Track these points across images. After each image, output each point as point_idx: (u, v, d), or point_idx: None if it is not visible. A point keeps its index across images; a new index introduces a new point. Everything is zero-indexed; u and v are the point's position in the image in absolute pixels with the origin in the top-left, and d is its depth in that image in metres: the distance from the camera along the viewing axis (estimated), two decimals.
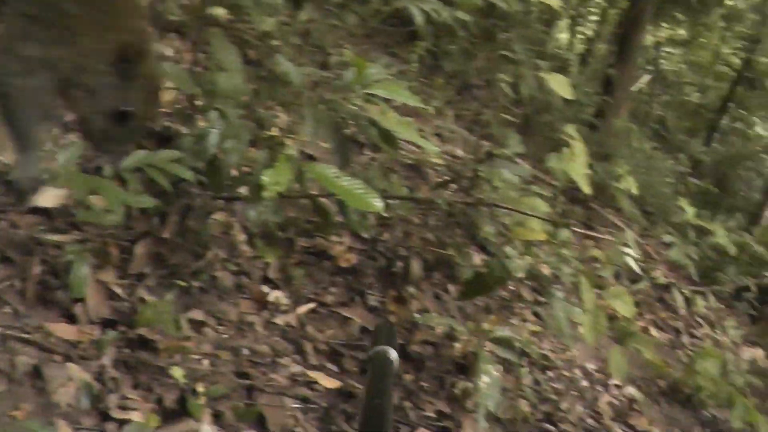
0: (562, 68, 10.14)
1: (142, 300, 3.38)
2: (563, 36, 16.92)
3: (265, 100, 4.10)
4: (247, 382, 3.43)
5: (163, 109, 4.37)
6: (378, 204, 3.23)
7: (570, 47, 14.95)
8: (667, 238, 8.46)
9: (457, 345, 4.53)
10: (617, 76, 11.13)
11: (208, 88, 3.44)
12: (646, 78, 17.88)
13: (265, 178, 3.24)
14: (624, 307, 4.27)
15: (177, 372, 3.20)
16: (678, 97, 20.20)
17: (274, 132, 4.03)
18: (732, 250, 8.26)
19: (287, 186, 3.37)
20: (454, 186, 5.38)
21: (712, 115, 18.24)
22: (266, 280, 4.12)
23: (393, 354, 1.60)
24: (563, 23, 16.94)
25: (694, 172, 14.52)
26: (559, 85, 4.20)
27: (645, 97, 18.01)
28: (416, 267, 4.76)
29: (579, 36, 18.19)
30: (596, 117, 11.97)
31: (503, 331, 4.21)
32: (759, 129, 19.81)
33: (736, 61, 18.46)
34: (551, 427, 4.62)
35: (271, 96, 4.14)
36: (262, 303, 3.98)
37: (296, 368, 3.71)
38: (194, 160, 3.41)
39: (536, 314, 5.62)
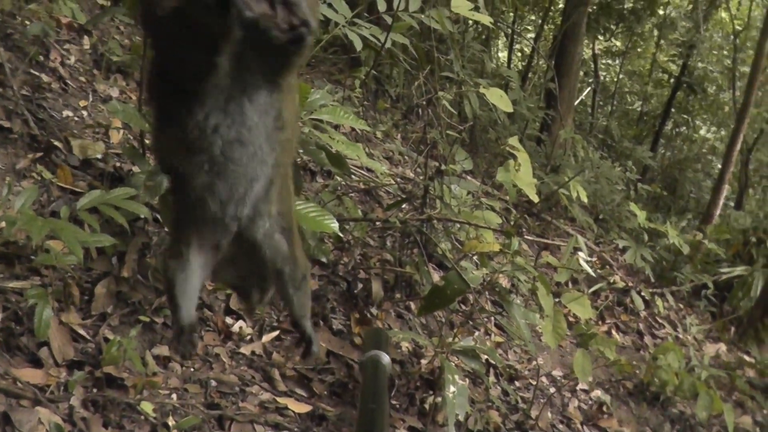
0: (503, 86, 10.29)
1: (107, 339, 3.37)
2: (502, 55, 17.16)
3: None
4: (217, 412, 3.44)
5: (114, 150, 4.41)
6: (334, 226, 3.27)
7: (509, 65, 15.15)
8: (622, 243, 8.58)
9: (424, 361, 4.58)
10: (558, 89, 11.31)
11: None
12: (588, 90, 18.17)
13: None
14: (582, 310, 4.33)
15: (147, 407, 3.21)
16: (621, 106, 20.54)
17: None
18: (686, 249, 8.41)
19: None
20: (407, 206, 5.44)
21: (656, 122, 18.54)
22: (229, 311, 4.14)
23: (385, 359, 1.63)
24: (501, 42, 17.17)
25: (643, 178, 14.75)
26: (498, 100, 4.27)
27: (588, 109, 18.28)
28: (377, 288, 4.80)
29: (518, 53, 18.45)
30: (542, 131, 12.16)
31: (467, 342, 4.25)
32: (703, 132, 20.18)
33: (674, 67, 18.81)
34: None
35: None
36: (226, 334, 4.00)
37: (265, 395, 3.73)
38: (148, 196, 3.42)
39: (499, 326, 5.69)
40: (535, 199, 4.26)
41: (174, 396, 3.43)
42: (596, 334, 4.76)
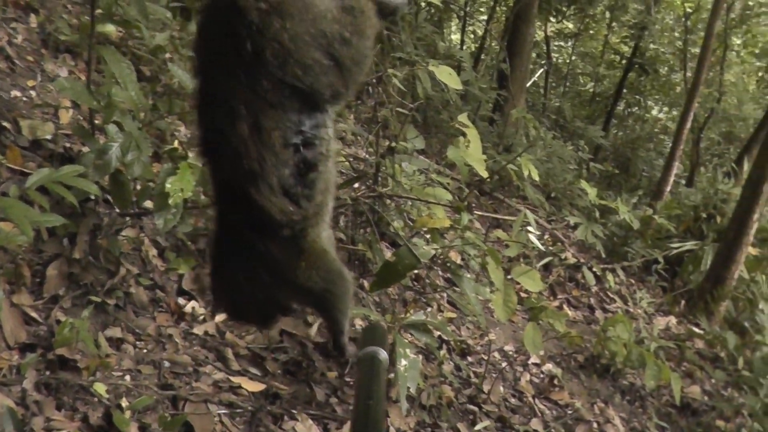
0: (455, 67, 10.32)
1: (59, 321, 3.36)
2: (455, 37, 17.20)
3: (163, 113, 4.10)
4: (171, 392, 3.45)
5: (63, 131, 4.37)
6: None
7: (462, 46, 15.18)
8: (573, 220, 8.68)
9: None
10: (510, 70, 11.38)
11: (104, 101, 3.43)
12: (541, 71, 18.28)
13: (169, 185, 3.27)
14: (532, 283, 4.38)
15: (100, 389, 3.21)
16: (573, 87, 20.71)
17: (176, 145, 4.03)
18: (636, 225, 8.52)
19: (192, 193, 3.40)
20: (359, 185, 5.45)
21: (608, 102, 18.72)
22: (181, 292, 4.14)
23: (383, 354, 1.61)
24: (454, 24, 17.20)
25: (595, 157, 14.90)
26: (448, 77, 4.29)
27: (541, 90, 18.41)
28: None
29: (470, 35, 18.50)
30: (494, 112, 12.23)
31: (417, 316, 4.29)
32: (655, 112, 20.43)
33: (626, 49, 18.99)
34: (475, 409, 4.74)
35: (169, 109, 4.15)
36: (179, 315, 4.00)
37: (219, 375, 3.74)
38: (98, 175, 3.40)
39: (451, 303, 5.74)
40: (485, 174, 4.30)
41: (127, 377, 3.44)
42: (546, 307, 4.82)
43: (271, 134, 1.76)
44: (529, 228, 5.13)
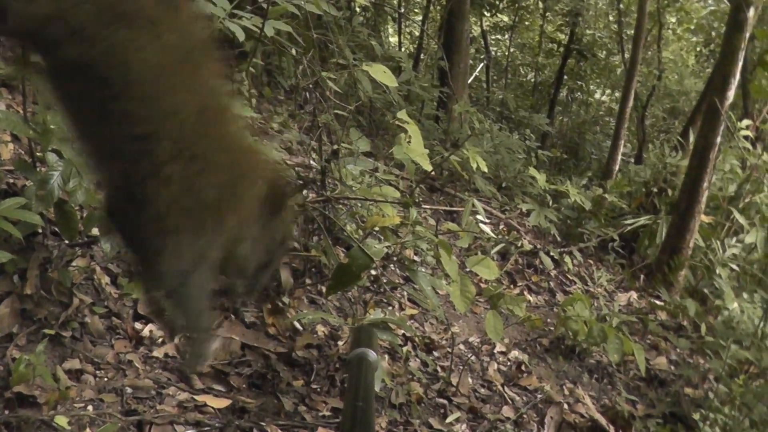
0: (395, 68, 10.37)
1: (15, 359, 3.32)
2: (394, 39, 17.26)
3: None
4: (136, 418, 3.41)
5: (5, 167, 4.32)
6: None
7: (400, 47, 15.26)
8: (525, 207, 8.75)
9: (341, 343, 4.61)
10: (450, 67, 11.45)
11: (41, 129, 3.39)
12: (481, 66, 18.41)
13: None
14: (487, 271, 4.40)
15: (61, 421, 3.17)
16: (515, 79, 20.89)
17: None
18: (588, 205, 8.60)
19: None
20: (309, 192, 5.44)
21: (550, 90, 18.90)
22: (138, 317, 4.09)
23: (372, 356, 1.60)
24: (391, 27, 17.27)
25: (543, 144, 15.04)
26: (382, 76, 4.31)
27: (484, 84, 18.54)
28: (286, 276, 4.80)
29: (407, 36, 18.59)
30: (438, 109, 12.30)
31: (377, 315, 4.29)
32: (598, 95, 20.68)
33: (562, 36, 19.20)
34: (446, 402, 4.75)
35: None
36: (137, 339, 3.96)
37: (183, 395, 3.71)
38: (41, 206, 3.36)
39: (412, 300, 5.74)
40: (428, 167, 4.31)
41: (90, 407, 3.40)
42: (504, 294, 4.84)
43: None
44: (479, 216, 5.16)
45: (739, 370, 5.37)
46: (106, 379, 3.65)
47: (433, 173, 8.26)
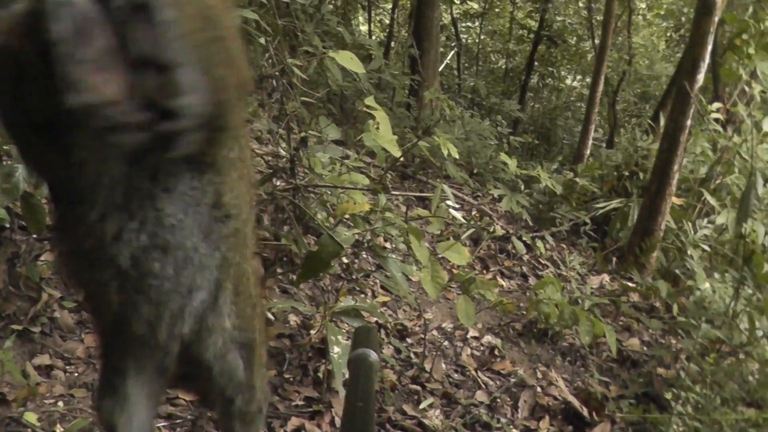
0: (365, 57, 10.34)
1: None
2: (364, 28, 17.22)
3: None
4: None
5: None
6: None
7: (370, 36, 15.23)
8: (497, 193, 8.76)
9: (313, 332, 4.60)
10: (420, 54, 11.44)
11: None
12: (452, 53, 18.42)
13: None
14: (458, 257, 4.40)
15: (31, 418, 3.16)
16: (486, 66, 20.90)
17: None
18: (559, 189, 8.63)
19: None
20: (279, 181, 5.42)
21: (522, 77, 18.93)
22: None
23: (373, 356, 1.56)
24: (360, 15, 17.23)
25: (515, 131, 15.09)
26: (349, 62, 4.28)
27: (455, 72, 18.54)
28: (257, 266, 4.78)
29: (378, 24, 18.57)
30: (410, 97, 12.31)
31: (348, 302, 4.29)
32: (569, 81, 20.75)
33: (532, 23, 19.23)
34: (419, 389, 4.75)
35: None
36: None
37: None
38: (7, 199, 3.31)
39: (385, 288, 5.75)
40: (397, 153, 4.30)
41: (60, 403, 3.38)
42: (475, 279, 4.84)
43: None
44: (449, 202, 5.16)
45: (710, 350, 5.41)
46: (76, 374, 3.64)
47: (404, 160, 8.26)
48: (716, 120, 8.74)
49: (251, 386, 1.89)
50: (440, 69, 15.05)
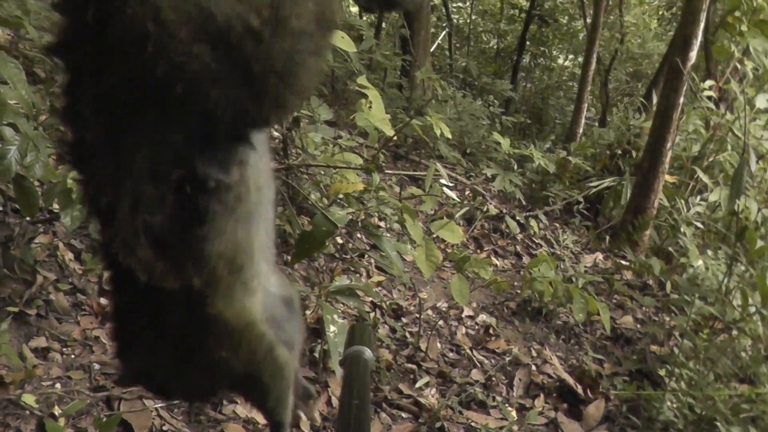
0: (357, 37, 10.30)
1: None
2: (354, 9, 17.18)
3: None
4: (104, 394, 3.41)
5: None
6: None
7: (361, 16, 15.19)
8: (490, 172, 8.77)
9: (309, 312, 4.60)
10: (411, 35, 11.40)
11: None
12: (443, 34, 18.38)
13: (71, 181, 3.21)
14: (451, 235, 4.42)
15: (29, 400, 3.16)
16: (477, 46, 20.86)
17: None
18: (551, 168, 8.65)
19: None
20: (271, 163, 5.41)
21: (513, 56, 18.90)
22: (103, 292, 4.07)
23: (368, 354, 1.55)
24: None
25: (507, 110, 15.06)
26: (341, 41, 4.27)
27: (446, 52, 18.49)
28: None
29: None
30: (401, 77, 12.28)
31: (342, 281, 4.30)
32: (561, 61, 20.73)
33: (524, 2, 19.19)
34: (415, 368, 4.77)
35: None
36: (103, 315, 3.94)
37: None
38: None
39: (380, 268, 5.76)
40: (390, 132, 4.30)
41: (57, 385, 3.39)
42: (469, 257, 4.85)
43: (133, 156, 1.16)
44: (442, 181, 5.16)
45: (703, 326, 5.44)
46: (73, 356, 3.64)
47: (396, 140, 8.25)
48: (709, 98, 8.75)
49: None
50: (431, 49, 15.01)
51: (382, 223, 5.90)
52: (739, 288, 5.66)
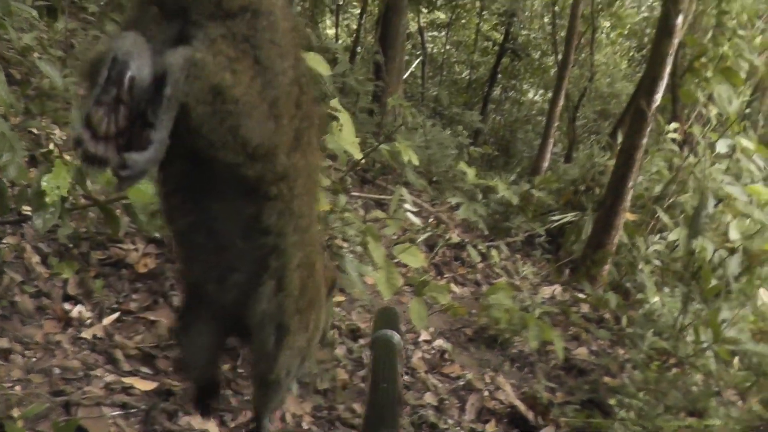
0: (331, 60, 10.38)
1: None
2: (332, 32, 17.29)
3: (37, 115, 4.04)
4: (63, 398, 3.42)
5: None
6: None
7: (337, 40, 15.29)
8: (455, 201, 8.85)
9: None
10: (386, 61, 11.51)
11: None
12: (417, 62, 18.54)
13: (45, 183, 3.24)
14: (413, 259, 4.50)
15: None
16: (450, 75, 21.06)
17: (52, 147, 3.99)
18: (515, 200, 8.77)
19: (68, 191, 3.38)
20: None
21: (484, 88, 19.10)
22: (67, 297, 4.09)
23: (396, 337, 1.61)
24: (328, 19, 17.28)
25: (475, 141, 15.22)
26: (318, 63, 4.35)
27: (419, 80, 18.66)
28: None
29: (345, 29, 18.63)
30: (373, 103, 12.37)
31: None
32: (531, 95, 20.97)
33: (498, 35, 19.42)
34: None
35: (42, 110, 4.10)
36: (66, 320, 3.96)
37: (110, 377, 3.72)
38: None
39: (340, 288, 5.81)
40: (359, 156, 4.38)
41: (17, 387, 3.40)
42: (428, 282, 4.92)
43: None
44: (406, 206, 5.24)
45: (657, 360, 5.54)
46: (34, 359, 3.64)
47: (365, 163, 8.33)
48: (673, 140, 8.92)
49: (275, 359, 2.32)
50: (404, 77, 15.16)
51: (345, 244, 5.96)
52: (693, 325, 5.77)
